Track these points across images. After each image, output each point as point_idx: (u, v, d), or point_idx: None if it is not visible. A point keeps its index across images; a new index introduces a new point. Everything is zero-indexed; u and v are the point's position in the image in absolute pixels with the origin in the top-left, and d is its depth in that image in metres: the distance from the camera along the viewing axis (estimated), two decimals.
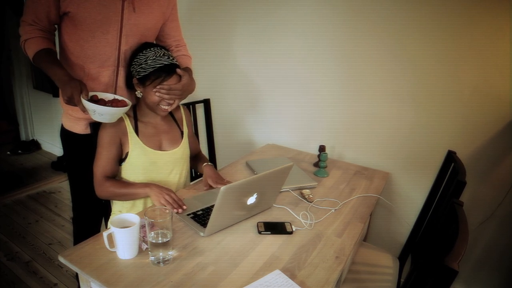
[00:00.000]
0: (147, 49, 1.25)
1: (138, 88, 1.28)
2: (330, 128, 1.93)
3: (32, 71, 3.28)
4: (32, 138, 3.65)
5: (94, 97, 1.22)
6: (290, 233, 1.14)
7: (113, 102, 1.22)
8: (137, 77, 1.26)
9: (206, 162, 1.48)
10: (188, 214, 1.19)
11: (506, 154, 1.52)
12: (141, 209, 1.35)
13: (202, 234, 1.09)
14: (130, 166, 1.31)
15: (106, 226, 1.47)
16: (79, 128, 1.38)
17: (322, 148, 1.70)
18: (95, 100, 1.20)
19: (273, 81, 2.05)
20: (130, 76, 1.30)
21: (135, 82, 1.28)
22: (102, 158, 1.26)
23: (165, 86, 1.22)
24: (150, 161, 1.31)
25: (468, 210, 1.20)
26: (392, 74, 1.68)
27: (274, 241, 1.10)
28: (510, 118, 1.48)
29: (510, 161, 1.52)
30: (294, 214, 1.26)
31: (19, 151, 3.45)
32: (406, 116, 1.69)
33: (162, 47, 1.28)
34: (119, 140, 1.27)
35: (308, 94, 1.95)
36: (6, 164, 3.23)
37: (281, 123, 2.10)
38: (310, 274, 0.96)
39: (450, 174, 1.38)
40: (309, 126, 2.00)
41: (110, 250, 0.98)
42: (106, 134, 1.26)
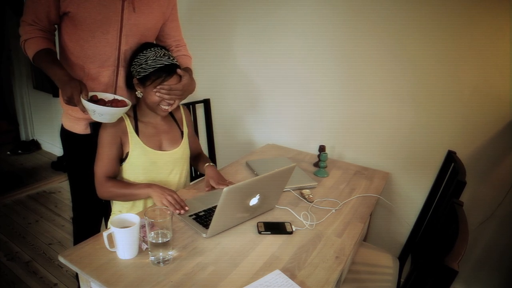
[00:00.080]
0: (148, 49, 1.25)
1: (138, 88, 1.28)
2: (330, 128, 1.93)
3: (32, 71, 3.28)
4: (32, 138, 3.65)
5: (94, 97, 1.22)
6: (290, 233, 1.14)
7: (113, 102, 1.22)
8: (137, 77, 1.25)
9: (208, 163, 1.47)
10: (190, 215, 1.19)
11: (506, 154, 1.52)
12: (141, 209, 1.35)
13: (204, 235, 1.09)
14: (130, 166, 1.30)
15: (106, 226, 1.47)
16: (79, 128, 1.38)
17: (322, 148, 1.70)
18: (95, 100, 1.20)
19: (273, 81, 2.05)
20: (130, 76, 1.30)
21: (136, 82, 1.28)
22: (103, 158, 1.26)
23: (165, 86, 1.22)
24: (150, 161, 1.31)
25: (468, 210, 1.20)
26: (392, 74, 1.68)
27: (274, 241, 1.10)
28: (510, 118, 1.48)
29: (510, 161, 1.52)
30: (295, 215, 1.26)
31: (19, 151, 3.45)
32: (406, 116, 1.70)
33: (162, 47, 1.28)
34: (120, 140, 1.27)
35: (308, 94, 1.95)
36: (6, 164, 3.23)
37: (281, 123, 2.10)
38: (310, 274, 0.96)
39: (450, 174, 1.38)
40: (309, 126, 2.00)
41: (110, 250, 0.98)
42: (107, 134, 1.25)
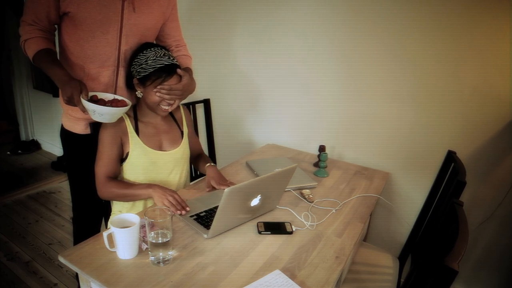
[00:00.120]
0: (148, 49, 1.25)
1: (138, 88, 1.28)
2: (330, 128, 1.93)
3: (32, 71, 3.28)
4: (32, 138, 3.65)
5: (94, 97, 1.22)
6: (290, 233, 1.14)
7: (113, 102, 1.22)
8: (137, 77, 1.25)
9: (209, 163, 1.46)
10: (191, 216, 1.19)
11: (506, 154, 1.52)
12: (141, 209, 1.35)
13: (205, 236, 1.09)
14: (131, 166, 1.30)
15: (106, 226, 1.47)
16: (79, 128, 1.38)
17: (322, 148, 1.70)
18: (95, 100, 1.20)
19: (273, 81, 2.05)
20: (130, 76, 1.30)
21: (136, 82, 1.28)
22: (104, 158, 1.25)
23: (165, 86, 1.22)
24: (150, 161, 1.31)
25: (468, 210, 1.20)
26: (392, 74, 1.68)
27: (274, 241, 1.10)
28: (510, 118, 1.48)
29: (510, 161, 1.52)
30: (296, 215, 1.26)
31: (19, 151, 3.45)
32: (406, 116, 1.69)
33: (162, 47, 1.28)
34: (120, 140, 1.27)
35: (308, 94, 1.95)
36: (6, 164, 3.23)
37: (281, 123, 2.10)
38: (310, 274, 0.96)
39: (450, 174, 1.38)
40: (309, 126, 2.00)
41: (110, 250, 0.98)
42: (107, 134, 1.25)
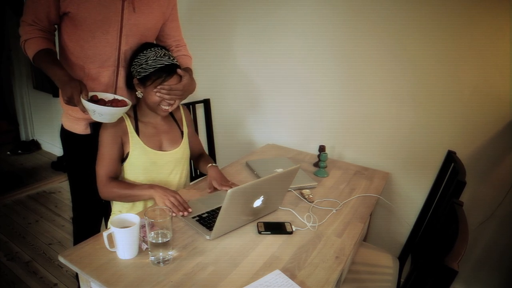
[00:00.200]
0: (148, 49, 1.25)
1: (138, 88, 1.28)
2: (330, 128, 1.93)
3: (32, 71, 3.28)
4: (32, 138, 3.65)
5: (94, 97, 1.21)
6: (290, 233, 1.14)
7: (113, 102, 1.22)
8: (137, 77, 1.25)
9: (211, 163, 1.45)
10: (193, 217, 1.18)
11: (506, 154, 1.52)
12: (141, 209, 1.35)
13: (208, 237, 1.08)
14: (131, 166, 1.30)
15: (106, 226, 1.47)
16: (79, 128, 1.38)
17: (322, 148, 1.70)
18: (95, 100, 1.19)
19: (273, 81, 2.05)
20: (131, 76, 1.30)
21: (136, 83, 1.27)
22: (105, 159, 1.25)
23: (165, 86, 1.22)
24: (150, 161, 1.31)
25: (468, 210, 1.20)
26: (392, 74, 1.68)
27: (274, 241, 1.10)
28: (510, 118, 1.48)
29: (510, 161, 1.52)
30: (298, 216, 1.26)
31: (19, 151, 3.45)
32: (406, 116, 1.69)
33: (162, 47, 1.28)
34: (120, 139, 1.27)
35: (308, 94, 1.95)
36: (6, 164, 3.23)
37: (281, 123, 2.10)
38: (310, 274, 0.96)
39: (450, 174, 1.38)
40: (309, 126, 2.00)
41: (110, 250, 0.98)
42: (108, 134, 1.25)
